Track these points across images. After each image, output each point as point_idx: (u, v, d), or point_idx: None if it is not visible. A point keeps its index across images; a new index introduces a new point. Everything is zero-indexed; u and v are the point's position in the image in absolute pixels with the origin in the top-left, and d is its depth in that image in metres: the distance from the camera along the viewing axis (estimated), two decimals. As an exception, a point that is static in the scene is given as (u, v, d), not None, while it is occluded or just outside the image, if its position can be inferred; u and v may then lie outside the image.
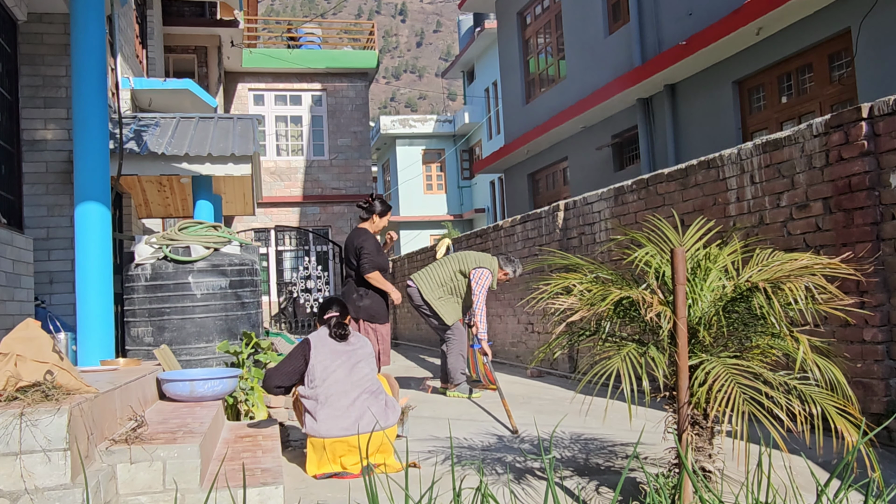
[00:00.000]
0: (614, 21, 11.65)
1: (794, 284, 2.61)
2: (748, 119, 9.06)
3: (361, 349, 3.88)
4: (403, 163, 29.21)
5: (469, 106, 27.82)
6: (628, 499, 2.93)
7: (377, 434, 3.57)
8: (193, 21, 14.67)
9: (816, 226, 4.13)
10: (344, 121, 18.46)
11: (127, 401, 3.30)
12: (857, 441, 2.30)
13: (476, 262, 6.10)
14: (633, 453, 2.62)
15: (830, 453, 3.40)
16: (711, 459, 2.84)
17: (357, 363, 3.80)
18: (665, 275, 2.96)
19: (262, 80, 18.27)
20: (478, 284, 5.96)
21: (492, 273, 6.07)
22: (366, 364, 3.84)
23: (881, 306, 3.75)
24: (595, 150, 12.21)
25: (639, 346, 2.84)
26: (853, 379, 3.83)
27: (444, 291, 6.10)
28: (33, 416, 2.37)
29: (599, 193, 6.57)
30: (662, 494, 2.51)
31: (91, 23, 4.86)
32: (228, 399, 4.48)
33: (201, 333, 5.11)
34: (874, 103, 3.78)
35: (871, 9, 7.02)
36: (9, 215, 5.73)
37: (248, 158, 7.45)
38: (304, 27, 20.32)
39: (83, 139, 4.79)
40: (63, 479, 2.37)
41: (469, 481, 3.20)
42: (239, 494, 2.68)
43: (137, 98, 9.43)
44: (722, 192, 4.88)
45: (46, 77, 6.44)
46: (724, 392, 2.52)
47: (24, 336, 2.71)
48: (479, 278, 5.98)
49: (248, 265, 5.47)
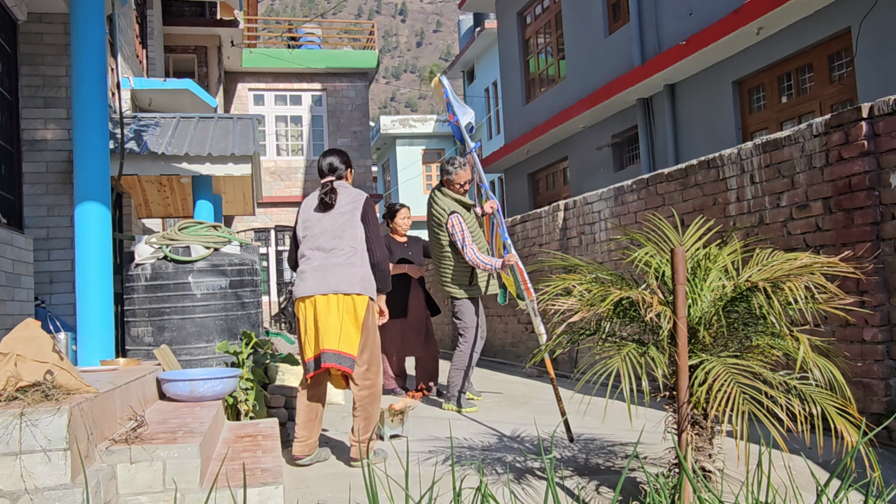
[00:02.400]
0: (614, 21, 11.65)
1: (794, 284, 2.61)
2: (748, 119, 9.06)
3: (343, 214, 3.76)
4: (403, 163, 29.22)
5: (469, 106, 27.80)
6: (628, 499, 2.93)
7: (343, 298, 3.62)
8: (193, 21, 14.68)
9: (816, 226, 4.13)
10: (344, 121, 18.47)
11: (127, 401, 3.30)
12: (858, 441, 2.30)
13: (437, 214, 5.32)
14: (633, 453, 2.62)
15: (830, 453, 3.40)
16: (711, 459, 2.84)
17: (335, 226, 3.75)
18: (665, 275, 2.96)
19: (262, 80, 18.27)
20: (456, 235, 5.20)
21: (458, 213, 5.24)
22: (346, 227, 3.74)
23: (881, 306, 3.75)
24: (595, 150, 12.21)
25: (639, 346, 2.84)
26: (853, 379, 3.83)
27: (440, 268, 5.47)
28: (33, 416, 2.37)
29: (599, 193, 6.57)
30: (662, 494, 2.51)
31: (91, 23, 4.86)
32: (228, 399, 4.48)
33: (201, 333, 5.11)
34: (874, 103, 3.78)
35: (871, 9, 7.02)
36: (9, 215, 5.73)
37: (248, 158, 7.45)
38: (304, 27, 20.33)
39: (83, 139, 4.79)
40: (63, 479, 2.37)
41: (469, 481, 3.20)
42: (239, 494, 2.68)
43: (137, 98, 9.44)
44: (722, 192, 4.88)
45: (46, 77, 6.43)
46: (724, 392, 2.52)
47: (24, 336, 2.71)
48: (455, 231, 5.21)
49: (248, 265, 5.47)
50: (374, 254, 3.76)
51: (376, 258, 3.76)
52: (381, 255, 3.78)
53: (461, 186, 5.32)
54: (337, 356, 3.62)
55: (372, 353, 3.73)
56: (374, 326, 3.77)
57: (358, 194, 3.85)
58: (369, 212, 3.82)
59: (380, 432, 4.26)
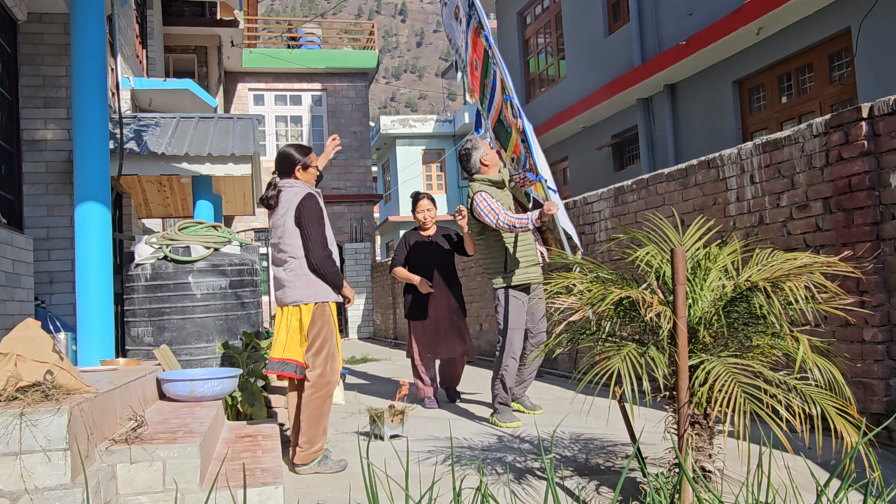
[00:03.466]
0: (614, 21, 11.65)
1: (794, 284, 2.61)
2: (748, 119, 9.06)
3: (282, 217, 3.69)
4: (403, 163, 29.22)
5: (469, 106, 27.81)
6: (628, 499, 2.93)
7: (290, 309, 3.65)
8: (193, 21, 14.67)
9: (816, 226, 4.13)
10: (344, 121, 18.47)
11: (127, 401, 3.30)
12: (857, 441, 2.30)
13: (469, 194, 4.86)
14: (633, 453, 2.62)
15: (830, 453, 3.40)
16: (711, 459, 2.84)
17: (277, 234, 3.72)
18: (665, 274, 2.96)
19: (262, 80, 18.27)
20: (483, 212, 4.63)
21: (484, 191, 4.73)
22: (284, 235, 3.68)
23: (881, 306, 3.75)
24: (595, 150, 12.21)
25: (639, 346, 2.84)
26: (853, 379, 3.83)
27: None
28: (33, 416, 2.37)
29: (599, 193, 6.57)
30: (662, 494, 2.51)
31: (91, 23, 4.86)
32: (228, 399, 4.48)
33: (201, 333, 5.11)
34: (874, 103, 3.78)
35: (871, 9, 7.02)
36: (9, 215, 5.73)
37: (248, 158, 7.45)
38: (304, 27, 20.32)
39: (83, 139, 4.79)
40: (63, 479, 2.37)
41: (469, 481, 3.20)
42: (239, 494, 2.68)
43: (137, 98, 9.44)
44: (722, 192, 4.88)
45: (46, 77, 6.44)
46: (725, 391, 2.52)
47: (24, 336, 2.71)
48: (480, 207, 4.66)
49: (248, 265, 5.47)
50: (309, 261, 3.63)
51: (313, 264, 3.62)
52: (319, 258, 3.61)
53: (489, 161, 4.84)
54: (280, 364, 3.67)
55: (326, 355, 3.63)
56: (326, 328, 3.64)
57: (295, 193, 3.69)
58: (304, 212, 3.65)
59: (380, 432, 4.27)
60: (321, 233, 3.65)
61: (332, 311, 3.72)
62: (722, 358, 2.75)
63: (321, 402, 3.61)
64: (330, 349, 3.66)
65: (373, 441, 4.20)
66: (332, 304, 3.71)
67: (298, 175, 3.79)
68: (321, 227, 3.66)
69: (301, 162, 3.78)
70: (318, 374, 3.61)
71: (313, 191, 3.75)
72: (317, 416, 3.59)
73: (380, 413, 4.29)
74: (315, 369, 3.62)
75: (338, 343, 3.75)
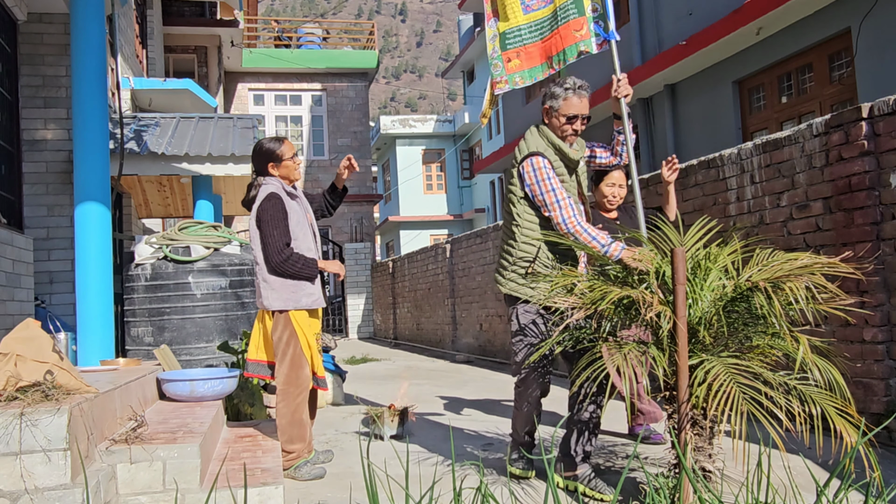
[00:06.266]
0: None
1: (794, 284, 2.61)
2: (748, 119, 9.06)
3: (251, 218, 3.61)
4: (403, 163, 29.22)
5: (469, 106, 27.81)
6: (628, 499, 2.93)
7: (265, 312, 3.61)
8: (193, 21, 14.68)
9: (816, 226, 4.13)
10: (344, 121, 18.47)
11: (127, 401, 3.30)
12: (857, 441, 2.30)
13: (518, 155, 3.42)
14: (633, 453, 2.62)
15: (830, 453, 3.40)
16: (711, 459, 2.84)
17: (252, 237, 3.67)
18: (665, 274, 2.95)
19: (262, 80, 18.28)
20: (534, 184, 3.28)
21: (541, 155, 3.32)
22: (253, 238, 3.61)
23: (881, 306, 3.75)
24: (595, 150, 12.20)
25: (639, 346, 2.84)
26: (853, 379, 3.83)
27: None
28: (33, 416, 2.37)
29: (599, 193, 6.56)
30: (662, 494, 2.51)
31: (91, 23, 4.86)
32: (228, 399, 4.48)
33: (201, 333, 5.11)
34: (874, 103, 3.78)
35: (871, 9, 7.02)
36: (9, 215, 5.73)
37: (248, 158, 7.45)
38: (304, 27, 20.33)
39: (83, 139, 4.79)
40: (63, 479, 2.37)
41: (469, 481, 3.20)
42: (239, 494, 2.68)
43: (137, 98, 9.44)
44: (722, 192, 4.88)
45: (46, 77, 6.44)
46: (724, 392, 2.52)
47: (24, 336, 2.71)
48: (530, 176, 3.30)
49: (248, 265, 5.47)
50: (269, 265, 3.49)
51: (270, 268, 3.48)
52: (275, 262, 3.45)
53: (567, 123, 3.41)
54: (255, 365, 3.67)
55: (290, 362, 3.52)
56: (287, 333, 3.51)
57: (259, 193, 3.58)
58: (261, 214, 3.50)
59: (380, 432, 4.27)
60: (281, 234, 3.48)
61: (302, 317, 3.55)
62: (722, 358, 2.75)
63: (290, 410, 3.52)
64: (294, 356, 3.51)
65: (373, 441, 4.20)
66: (301, 312, 3.54)
67: (272, 171, 3.63)
68: (279, 228, 3.47)
69: (272, 157, 3.63)
70: (283, 381, 3.52)
71: (281, 189, 3.59)
72: (286, 424, 3.53)
73: (380, 413, 4.29)
74: (280, 376, 3.54)
75: (312, 350, 3.58)
